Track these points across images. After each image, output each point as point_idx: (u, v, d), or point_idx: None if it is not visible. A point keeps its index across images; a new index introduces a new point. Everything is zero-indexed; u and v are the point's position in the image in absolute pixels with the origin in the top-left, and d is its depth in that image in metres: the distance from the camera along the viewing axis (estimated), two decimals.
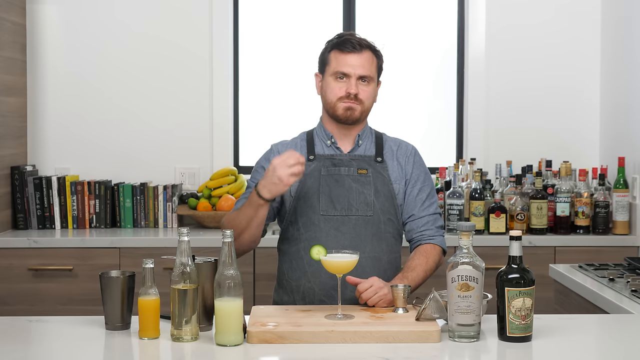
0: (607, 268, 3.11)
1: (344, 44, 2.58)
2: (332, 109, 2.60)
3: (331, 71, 2.59)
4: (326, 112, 2.65)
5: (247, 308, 2.17)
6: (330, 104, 2.60)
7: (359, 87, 2.57)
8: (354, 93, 2.55)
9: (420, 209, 2.63)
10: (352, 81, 2.56)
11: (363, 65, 2.57)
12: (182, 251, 2.12)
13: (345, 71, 2.56)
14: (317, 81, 2.68)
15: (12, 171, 4.17)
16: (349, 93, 2.56)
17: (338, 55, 2.58)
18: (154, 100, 4.47)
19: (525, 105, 4.50)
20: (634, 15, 4.06)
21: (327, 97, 2.60)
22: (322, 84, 2.63)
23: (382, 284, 2.39)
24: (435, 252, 2.60)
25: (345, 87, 2.57)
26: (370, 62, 2.60)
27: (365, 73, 2.57)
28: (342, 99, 2.57)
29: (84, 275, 3.87)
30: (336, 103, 2.58)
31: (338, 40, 2.61)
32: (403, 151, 2.68)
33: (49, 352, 2.12)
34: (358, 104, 2.58)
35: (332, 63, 2.59)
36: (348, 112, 2.58)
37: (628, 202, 4.02)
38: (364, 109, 2.60)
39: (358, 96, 2.57)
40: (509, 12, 4.49)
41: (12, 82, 4.21)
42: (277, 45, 4.63)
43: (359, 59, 2.57)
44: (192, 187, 4.46)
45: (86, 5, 4.44)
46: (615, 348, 2.15)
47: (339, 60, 2.58)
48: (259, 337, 2.09)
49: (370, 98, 2.61)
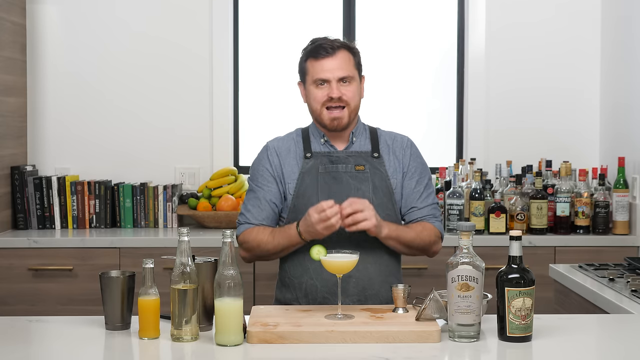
0: (607, 268, 3.11)
1: (317, 51, 2.59)
2: (319, 117, 2.61)
3: (310, 80, 2.60)
4: (314, 120, 2.67)
5: (247, 308, 2.17)
6: (316, 112, 2.61)
7: (341, 90, 2.57)
8: (336, 96, 2.56)
9: (419, 201, 2.65)
10: (333, 85, 2.57)
11: (340, 67, 2.57)
12: (182, 251, 2.13)
13: (323, 77, 2.57)
14: (301, 90, 2.69)
15: (12, 171, 4.17)
16: (331, 97, 2.56)
17: (314, 62, 2.59)
18: (154, 100, 4.47)
19: (525, 105, 4.50)
20: (634, 15, 4.05)
21: (312, 105, 2.62)
22: (306, 94, 2.65)
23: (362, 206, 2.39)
24: (431, 228, 2.62)
25: (326, 91, 2.57)
26: (347, 61, 2.60)
27: (343, 74, 2.58)
28: (325, 104, 2.58)
29: (84, 275, 3.87)
30: (321, 110, 2.59)
31: (311, 47, 2.62)
32: (399, 144, 2.68)
33: (49, 352, 2.12)
34: (344, 106, 2.58)
35: (309, 71, 2.60)
36: (335, 122, 2.59)
37: (628, 202, 4.02)
38: (350, 110, 2.60)
39: (342, 98, 2.57)
40: (509, 12, 4.49)
41: (12, 82, 4.21)
42: (277, 45, 4.63)
43: (334, 62, 2.57)
44: (192, 187, 4.46)
45: (86, 5, 4.44)
46: (615, 348, 2.15)
47: (315, 67, 2.58)
48: (259, 337, 2.09)
49: (355, 97, 2.61)
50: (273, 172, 2.63)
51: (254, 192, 2.64)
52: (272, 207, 2.62)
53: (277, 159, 2.65)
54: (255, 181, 2.65)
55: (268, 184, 2.63)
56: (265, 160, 2.66)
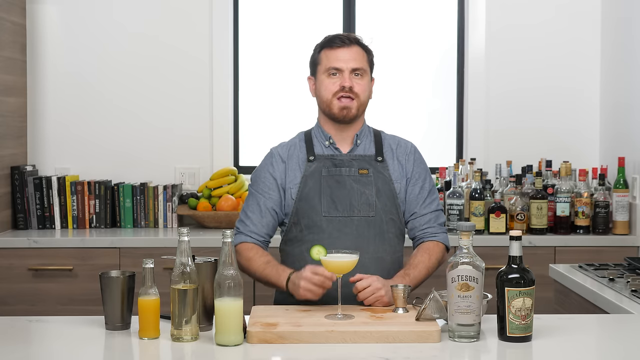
0: (607, 268, 3.11)
1: (332, 41, 2.59)
2: (328, 107, 2.58)
3: (323, 69, 2.59)
4: (322, 112, 2.64)
5: (247, 308, 2.17)
6: (326, 102, 2.58)
7: (353, 81, 2.56)
8: (348, 86, 2.54)
9: (422, 207, 2.63)
10: (346, 74, 2.55)
11: (354, 58, 2.57)
12: (182, 251, 2.13)
13: (337, 66, 2.56)
14: (310, 84, 2.67)
15: (12, 171, 4.17)
16: (343, 87, 2.55)
17: (328, 52, 2.59)
18: (154, 101, 4.47)
19: (525, 105, 4.50)
20: (634, 16, 4.06)
21: (322, 95, 2.59)
22: (316, 84, 2.63)
23: (380, 284, 2.38)
24: (438, 250, 2.60)
25: (339, 81, 2.56)
26: (361, 55, 2.60)
27: (357, 65, 2.57)
28: (336, 94, 2.56)
29: (84, 275, 3.87)
30: (332, 100, 2.57)
31: (327, 40, 2.62)
32: (402, 149, 2.67)
33: (49, 352, 2.12)
34: (354, 98, 2.56)
35: (323, 61, 2.59)
36: (344, 111, 2.57)
37: (628, 202, 4.02)
38: (359, 103, 2.58)
39: (353, 89, 2.56)
40: (509, 12, 4.49)
41: (12, 82, 4.21)
42: (276, 45, 4.63)
43: (349, 53, 2.57)
44: (192, 187, 4.46)
45: (86, 5, 4.44)
46: (615, 348, 2.15)
47: (330, 56, 2.58)
48: (259, 337, 2.09)
49: (365, 92, 2.60)
50: (277, 179, 2.61)
51: (255, 199, 2.62)
52: (272, 215, 2.60)
53: (281, 165, 2.63)
54: (258, 187, 2.63)
55: (270, 192, 2.61)
56: (269, 166, 2.64)
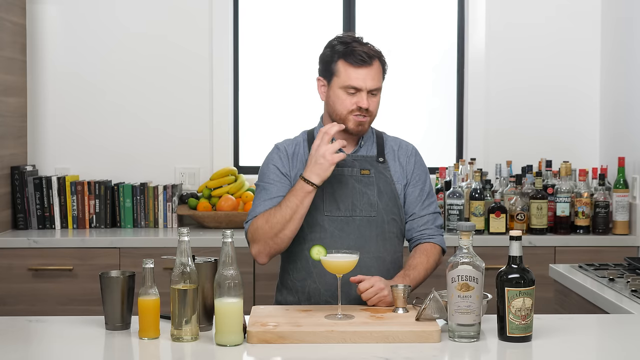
0: (607, 268, 3.11)
1: (353, 56, 2.53)
2: (342, 120, 2.56)
3: (341, 84, 2.54)
4: (332, 119, 2.61)
5: (247, 308, 2.17)
6: (341, 117, 2.56)
7: (369, 100, 2.55)
8: (365, 107, 2.53)
9: (421, 208, 2.64)
10: (364, 95, 2.53)
11: (373, 78, 2.54)
12: (182, 251, 2.13)
13: (356, 85, 2.53)
14: (319, 85, 2.63)
15: (12, 171, 4.17)
16: (360, 107, 2.54)
17: (348, 68, 2.53)
18: (154, 101, 4.47)
19: (525, 105, 4.50)
20: (634, 15, 4.06)
21: (337, 109, 2.56)
22: (330, 93, 2.58)
23: (383, 284, 2.39)
24: (435, 252, 2.61)
25: (356, 100, 2.54)
26: (379, 73, 2.58)
27: (375, 86, 2.55)
28: (353, 112, 2.55)
29: (84, 275, 3.87)
30: (347, 116, 2.55)
31: (345, 49, 2.54)
32: (404, 151, 2.68)
33: (49, 352, 2.12)
34: (367, 116, 2.56)
35: (341, 75, 2.54)
36: (359, 127, 2.57)
37: (628, 202, 4.02)
38: (372, 118, 2.60)
39: (369, 109, 2.55)
40: (509, 12, 4.49)
41: (12, 82, 4.21)
42: (277, 45, 4.63)
43: (370, 72, 2.54)
44: (192, 187, 4.46)
45: (86, 5, 4.44)
46: (615, 348, 2.15)
47: (350, 74, 2.53)
48: (259, 337, 2.09)
49: (377, 108, 2.61)
50: (283, 171, 2.60)
51: (264, 189, 2.58)
52: None
53: (287, 159, 2.62)
54: (266, 179, 2.60)
55: (279, 182, 2.58)
56: (276, 159, 2.62)
